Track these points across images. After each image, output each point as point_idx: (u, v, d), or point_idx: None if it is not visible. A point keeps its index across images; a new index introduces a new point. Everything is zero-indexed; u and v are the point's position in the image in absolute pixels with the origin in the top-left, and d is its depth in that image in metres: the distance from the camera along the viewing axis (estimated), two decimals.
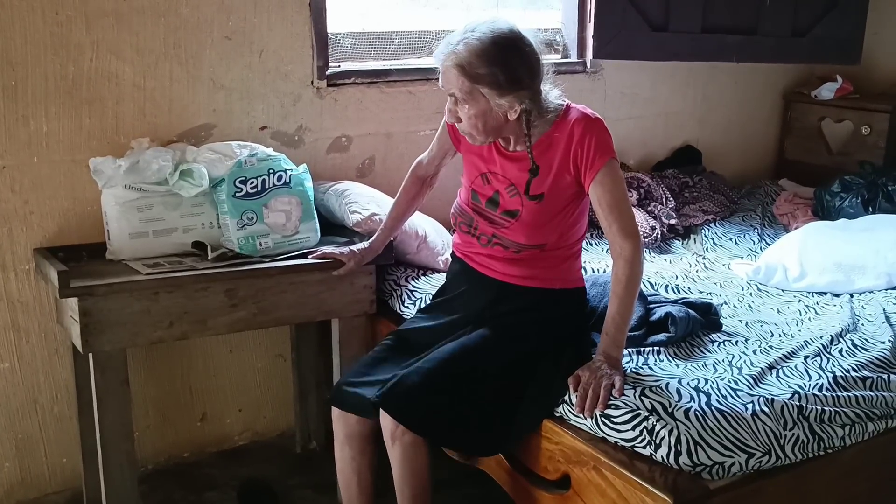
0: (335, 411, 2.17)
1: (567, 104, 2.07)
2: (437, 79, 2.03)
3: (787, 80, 4.13)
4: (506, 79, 1.94)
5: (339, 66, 2.90)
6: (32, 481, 2.62)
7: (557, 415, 1.99)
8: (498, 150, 2.11)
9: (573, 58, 3.45)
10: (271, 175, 2.43)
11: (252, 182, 2.40)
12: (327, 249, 2.42)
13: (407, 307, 2.50)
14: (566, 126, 2.02)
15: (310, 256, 2.40)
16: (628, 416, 1.84)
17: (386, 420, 1.98)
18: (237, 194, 2.38)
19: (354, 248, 2.42)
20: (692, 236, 3.34)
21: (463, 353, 2.03)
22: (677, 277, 2.82)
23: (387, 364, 2.13)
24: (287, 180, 2.45)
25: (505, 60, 1.94)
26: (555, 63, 3.31)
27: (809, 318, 2.53)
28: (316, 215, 2.51)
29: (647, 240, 3.12)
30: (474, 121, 2.00)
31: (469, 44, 1.94)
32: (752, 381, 2.01)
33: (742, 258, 3.16)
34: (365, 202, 2.57)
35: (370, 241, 2.43)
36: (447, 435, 2.00)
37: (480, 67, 1.94)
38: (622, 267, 1.99)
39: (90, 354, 2.17)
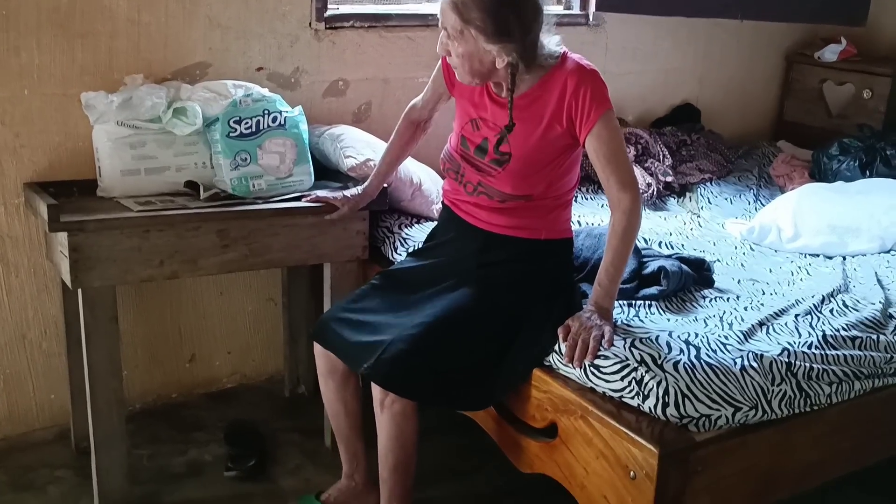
0: (317, 346, 2.17)
1: (564, 52, 2.03)
2: (437, 25, 2.00)
3: (790, 41, 4.09)
4: (493, 28, 1.91)
5: (338, 9, 2.85)
6: (20, 417, 2.63)
7: (546, 364, 1.99)
8: (490, 96, 2.08)
9: (576, 10, 3.41)
10: (266, 116, 2.40)
11: (247, 122, 2.37)
12: (321, 193, 2.40)
13: (399, 254, 2.49)
14: (560, 76, 1.99)
15: (303, 200, 2.38)
16: (617, 366, 1.84)
17: (375, 389, 1.98)
18: (231, 134, 2.35)
19: (348, 192, 2.40)
20: (688, 194, 3.33)
21: (449, 314, 2.01)
22: (671, 234, 2.81)
23: (372, 303, 2.13)
24: (282, 122, 2.42)
25: (497, 10, 1.90)
26: (557, 15, 3.31)
27: (801, 279, 2.53)
28: (310, 159, 2.49)
29: (642, 196, 3.10)
30: (461, 60, 1.97)
31: None
32: (742, 336, 2.01)
33: (737, 218, 3.15)
34: (360, 147, 2.54)
35: (364, 186, 2.41)
36: (436, 396, 1.99)
37: (472, 10, 1.91)
38: (619, 218, 1.98)
39: (79, 290, 2.16)
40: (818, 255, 2.76)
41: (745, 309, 2.21)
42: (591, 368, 1.88)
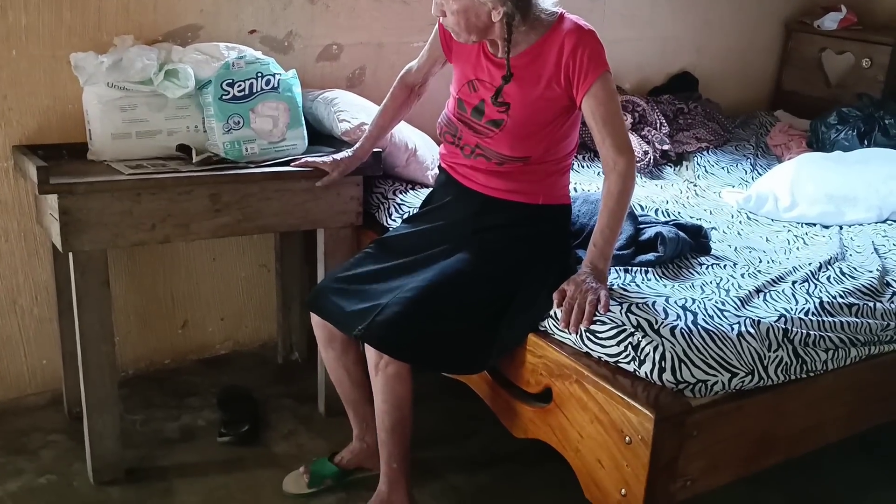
0: (314, 316, 2.16)
1: (561, 13, 2.01)
2: None
3: (789, 9, 4.05)
4: None
5: None
6: (12, 382, 2.61)
7: (542, 329, 1.97)
8: (486, 56, 2.06)
9: None
10: (259, 79, 2.36)
11: (239, 85, 2.34)
12: (309, 158, 2.36)
13: (394, 220, 2.47)
14: (558, 36, 1.97)
15: (291, 164, 2.35)
16: (613, 331, 1.83)
17: (370, 352, 1.97)
18: (224, 97, 2.32)
19: (336, 156, 2.36)
20: (684, 163, 3.31)
21: (444, 278, 2.00)
22: (667, 203, 2.79)
23: (367, 271, 2.11)
24: (275, 85, 2.38)
25: None
26: None
27: (798, 248, 2.52)
28: (304, 122, 2.46)
29: (639, 164, 3.09)
30: (457, 17, 1.94)
31: None
32: (739, 302, 2.00)
33: (733, 187, 3.13)
34: (354, 111, 2.51)
35: (354, 148, 2.37)
36: (430, 359, 1.98)
37: None
38: (615, 181, 1.96)
39: (70, 254, 2.13)
40: (815, 225, 2.74)
41: (742, 276, 2.20)
42: (587, 333, 1.86)
